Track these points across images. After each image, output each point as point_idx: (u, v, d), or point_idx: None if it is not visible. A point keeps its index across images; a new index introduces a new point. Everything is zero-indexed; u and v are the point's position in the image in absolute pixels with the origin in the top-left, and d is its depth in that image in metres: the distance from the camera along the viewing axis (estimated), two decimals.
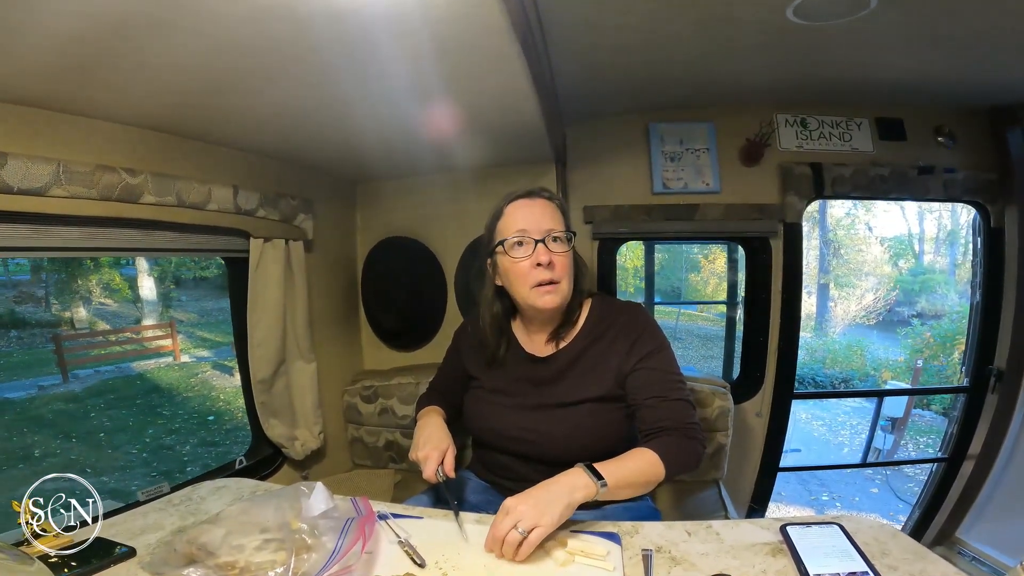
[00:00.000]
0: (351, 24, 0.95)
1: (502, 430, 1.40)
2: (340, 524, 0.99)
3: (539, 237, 1.29)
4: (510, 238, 1.31)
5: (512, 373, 1.44)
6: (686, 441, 1.24)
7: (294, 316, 1.92)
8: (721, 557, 0.97)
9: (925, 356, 9.24)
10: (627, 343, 1.34)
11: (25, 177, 1.10)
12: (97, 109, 1.27)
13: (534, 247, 1.29)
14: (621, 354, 1.33)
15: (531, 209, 1.32)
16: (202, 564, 0.90)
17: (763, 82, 2.28)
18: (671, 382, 1.31)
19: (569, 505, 1.02)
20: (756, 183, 2.48)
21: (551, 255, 1.29)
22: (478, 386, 1.50)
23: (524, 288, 1.31)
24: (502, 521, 0.98)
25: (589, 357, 1.37)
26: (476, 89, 1.30)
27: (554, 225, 1.31)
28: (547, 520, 0.97)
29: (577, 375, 1.37)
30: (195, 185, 1.47)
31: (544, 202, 1.34)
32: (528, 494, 1.03)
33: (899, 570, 0.90)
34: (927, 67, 2.12)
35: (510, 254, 1.31)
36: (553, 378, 1.39)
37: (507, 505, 1.00)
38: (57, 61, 1.02)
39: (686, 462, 1.23)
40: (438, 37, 1.01)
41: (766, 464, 2.65)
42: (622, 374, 1.33)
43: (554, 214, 1.33)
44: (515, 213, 1.33)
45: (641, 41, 1.86)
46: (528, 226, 1.30)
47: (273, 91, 1.26)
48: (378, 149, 1.89)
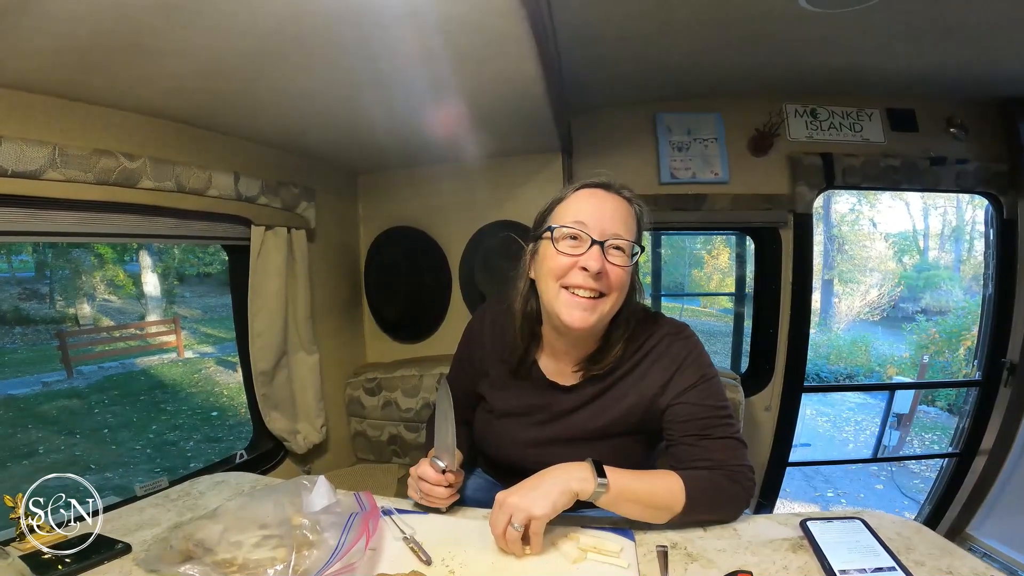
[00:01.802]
0: (356, 3, 0.92)
1: (516, 461, 1.22)
2: (343, 520, 0.96)
3: (599, 238, 1.05)
4: (564, 227, 1.07)
5: (529, 396, 1.23)
6: (726, 482, 1.05)
7: (295, 306, 1.89)
8: (739, 553, 0.94)
9: (931, 352, 9.21)
10: (665, 374, 1.12)
11: (19, 160, 1.08)
12: (95, 94, 1.24)
13: (588, 247, 1.05)
14: (657, 385, 1.12)
15: (602, 203, 1.08)
16: (199, 561, 0.88)
17: (773, 72, 2.26)
18: (716, 418, 1.10)
19: (564, 492, 0.94)
20: (765, 173, 2.46)
21: (605, 263, 1.04)
22: (488, 407, 1.29)
23: (553, 286, 1.08)
24: (496, 515, 0.95)
25: (619, 388, 1.16)
26: (484, 72, 1.26)
27: (622, 231, 1.06)
28: (539, 509, 0.92)
29: (601, 409, 1.17)
30: (195, 171, 1.44)
31: (620, 201, 1.10)
32: (519, 485, 0.97)
33: (926, 565, 0.87)
34: (939, 58, 2.10)
35: (556, 245, 1.07)
36: (574, 409, 1.19)
37: (498, 499, 0.96)
38: (54, 44, 0.99)
39: (720, 505, 1.05)
40: (445, 17, 0.97)
41: (775, 459, 2.63)
42: (656, 408, 1.13)
43: (627, 218, 1.09)
44: (581, 202, 1.09)
45: (649, 29, 1.83)
46: (590, 221, 1.06)
47: (273, 75, 1.22)
48: (382, 137, 1.86)
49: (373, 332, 2.56)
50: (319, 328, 2.03)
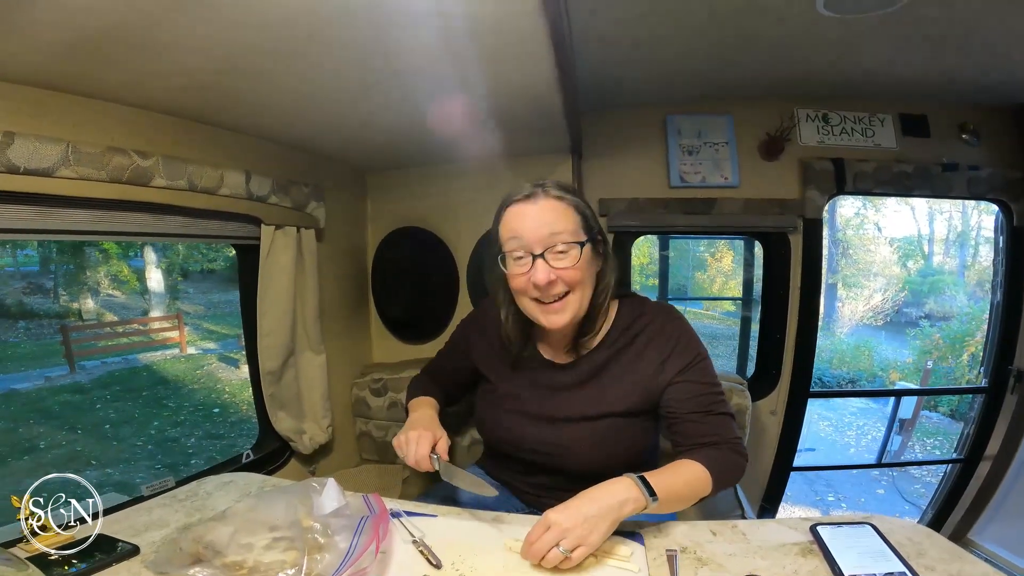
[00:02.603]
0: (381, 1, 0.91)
1: (520, 441, 1.28)
2: (353, 523, 0.96)
3: (539, 249, 1.09)
4: (505, 251, 1.14)
5: (529, 378, 1.30)
6: (733, 455, 1.14)
7: (304, 306, 1.88)
8: (749, 558, 0.94)
9: (934, 357, 9.19)
10: (660, 354, 1.19)
11: (32, 157, 1.07)
12: (107, 90, 1.23)
13: (532, 263, 1.10)
14: (653, 365, 1.19)
15: (530, 214, 1.11)
16: (208, 564, 0.88)
17: (785, 76, 2.25)
18: (712, 395, 1.19)
19: (616, 521, 0.94)
20: (776, 178, 2.45)
21: (552, 271, 1.09)
22: (491, 390, 1.37)
23: (523, 299, 1.17)
24: (543, 536, 0.90)
25: (615, 367, 1.23)
26: (501, 72, 1.25)
27: (559, 228, 1.10)
28: (594, 539, 0.91)
29: (601, 386, 1.23)
30: (207, 169, 1.43)
31: (549, 203, 1.11)
32: (575, 508, 0.93)
33: (936, 571, 0.87)
34: (953, 64, 2.09)
35: (508, 268, 1.14)
36: (573, 386, 1.26)
37: (550, 519, 0.91)
38: (66, 37, 0.98)
39: (732, 478, 1.14)
40: (471, 17, 0.96)
41: (779, 463, 2.62)
42: (654, 387, 1.19)
43: (560, 217, 1.11)
44: (512, 220, 1.13)
45: (663, 32, 1.82)
46: (525, 235, 1.10)
47: (288, 72, 1.22)
48: (393, 136, 1.85)
49: (379, 332, 2.55)
50: (326, 328, 2.02)
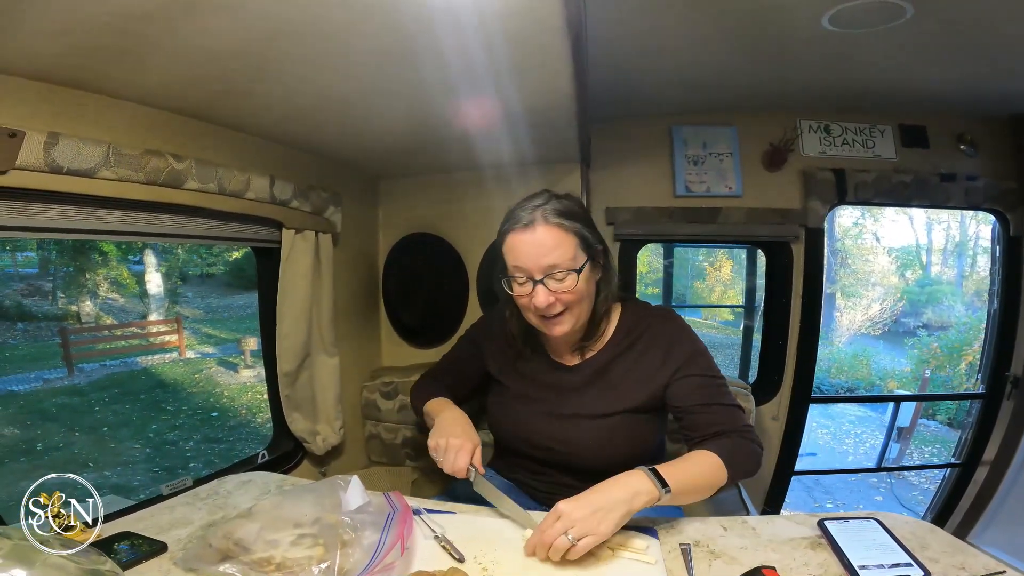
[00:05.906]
0: (406, 15, 0.95)
1: (531, 438, 1.34)
2: (377, 519, 0.99)
3: (538, 275, 1.16)
4: (508, 276, 1.22)
5: (539, 379, 1.38)
6: (746, 443, 1.17)
7: (319, 309, 1.91)
8: (760, 551, 0.98)
9: (932, 366, 9.23)
10: (661, 353, 1.26)
11: (75, 157, 1.09)
12: (144, 94, 1.25)
13: (532, 287, 1.18)
14: (656, 364, 1.26)
15: (529, 243, 1.16)
16: (237, 560, 0.90)
17: (789, 88, 2.30)
18: (716, 387, 1.24)
19: (628, 513, 0.96)
20: (779, 188, 2.49)
21: (552, 295, 1.17)
22: (502, 391, 1.44)
23: (528, 315, 1.26)
24: (553, 526, 0.93)
25: (619, 368, 1.30)
26: (521, 84, 1.29)
27: (557, 259, 1.15)
28: (604, 529, 0.93)
29: (607, 386, 1.30)
30: (235, 173, 1.46)
31: (546, 230, 1.16)
32: (585, 499, 0.97)
33: (940, 562, 0.91)
34: (952, 75, 2.14)
35: (512, 289, 1.22)
36: (581, 386, 1.32)
37: (560, 509, 0.95)
38: (106, 43, 1.00)
39: (748, 466, 1.16)
40: (490, 31, 1.00)
41: (780, 468, 2.66)
42: (658, 385, 1.26)
43: (559, 245, 1.16)
44: (513, 247, 1.19)
45: (671, 44, 1.87)
46: (526, 264, 1.17)
47: (316, 79, 1.24)
48: (409, 143, 1.89)
49: (389, 336, 2.58)
50: (338, 331, 2.05)
